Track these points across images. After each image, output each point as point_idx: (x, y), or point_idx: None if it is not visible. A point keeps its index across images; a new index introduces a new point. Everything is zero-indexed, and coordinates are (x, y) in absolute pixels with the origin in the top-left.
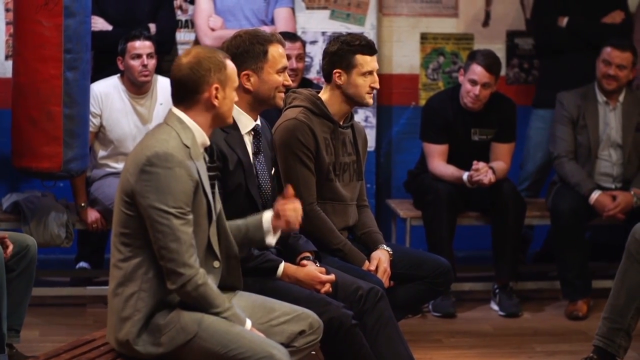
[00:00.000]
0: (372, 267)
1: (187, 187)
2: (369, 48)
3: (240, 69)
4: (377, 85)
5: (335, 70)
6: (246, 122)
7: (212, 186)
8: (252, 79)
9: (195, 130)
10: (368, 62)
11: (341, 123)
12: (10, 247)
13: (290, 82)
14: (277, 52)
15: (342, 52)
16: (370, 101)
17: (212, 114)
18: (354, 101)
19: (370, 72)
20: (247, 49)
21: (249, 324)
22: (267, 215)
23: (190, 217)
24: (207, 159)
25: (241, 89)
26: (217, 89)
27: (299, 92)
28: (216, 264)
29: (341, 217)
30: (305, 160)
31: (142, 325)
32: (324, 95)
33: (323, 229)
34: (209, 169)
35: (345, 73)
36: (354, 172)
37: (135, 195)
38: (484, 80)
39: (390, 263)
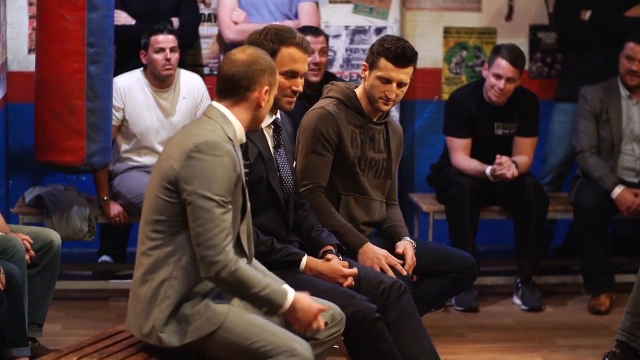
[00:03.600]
0: (400, 251)
1: (231, 177)
2: (396, 58)
3: None
4: (390, 96)
5: (364, 64)
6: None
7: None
8: None
9: (237, 126)
10: (388, 69)
11: (375, 119)
12: (31, 253)
13: (301, 89)
14: (289, 54)
15: (374, 49)
16: (385, 108)
17: (254, 114)
18: (370, 100)
19: (388, 81)
20: (260, 43)
21: (291, 294)
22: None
23: (231, 207)
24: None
25: None
26: (267, 91)
27: (336, 84)
28: (244, 261)
29: (364, 211)
30: (319, 148)
31: (170, 313)
32: (359, 89)
33: (321, 210)
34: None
35: (369, 70)
36: (383, 170)
37: (179, 182)
38: (508, 75)
39: (414, 255)
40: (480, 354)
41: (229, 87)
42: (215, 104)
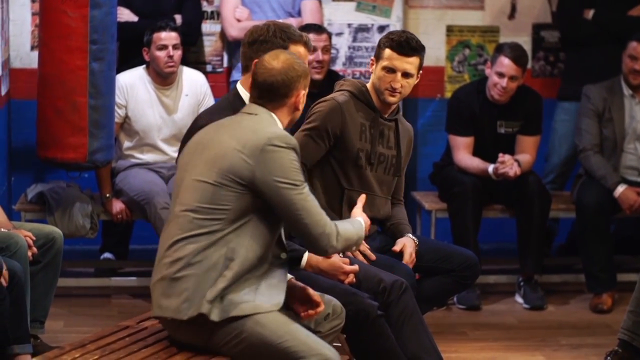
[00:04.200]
0: (397, 249)
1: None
2: (399, 46)
3: (255, 55)
4: (395, 85)
5: (371, 58)
6: None
7: None
8: None
9: (281, 127)
10: (393, 58)
11: (386, 115)
12: (33, 249)
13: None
14: (297, 52)
15: (380, 42)
16: (391, 99)
17: (291, 116)
18: (377, 93)
19: (392, 70)
20: (268, 39)
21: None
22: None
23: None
24: None
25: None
26: (303, 94)
27: (348, 79)
28: (283, 255)
29: (367, 207)
30: (312, 133)
31: (222, 290)
32: (368, 84)
33: None
34: None
35: (376, 63)
36: (391, 167)
37: (257, 176)
38: (511, 73)
39: (415, 252)
40: (482, 352)
41: (267, 95)
42: (259, 107)
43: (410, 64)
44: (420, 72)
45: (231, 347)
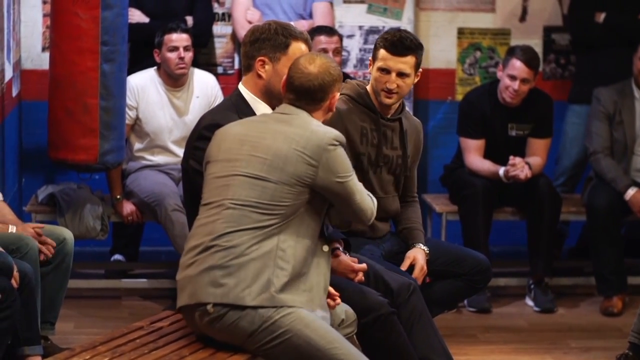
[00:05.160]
0: (404, 268)
1: None
2: (393, 46)
3: (258, 54)
4: (390, 86)
5: (370, 58)
6: (264, 111)
7: None
8: (266, 67)
9: None
10: (387, 59)
11: (388, 115)
12: (48, 252)
13: None
14: (299, 49)
15: (376, 42)
16: (387, 100)
17: (325, 117)
18: (375, 94)
19: (387, 71)
20: (270, 37)
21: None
22: None
23: None
24: None
25: (255, 75)
26: (337, 96)
27: (347, 81)
28: (325, 247)
29: None
30: None
31: (280, 280)
32: (369, 86)
33: None
34: None
35: (372, 63)
36: (397, 167)
37: (318, 176)
38: (523, 76)
39: (426, 262)
40: (492, 355)
41: (304, 98)
42: (294, 108)
43: (404, 63)
44: (420, 70)
45: (271, 346)
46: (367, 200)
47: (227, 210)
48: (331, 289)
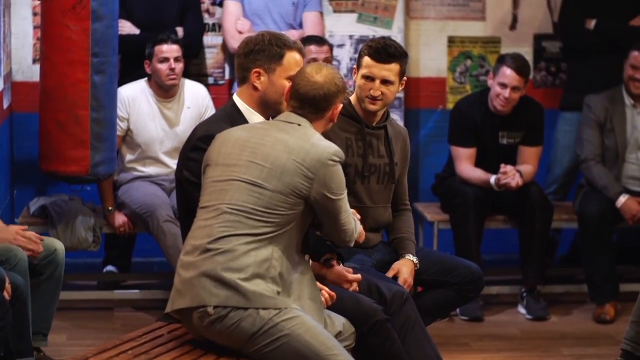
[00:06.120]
0: (390, 275)
1: None
2: (376, 53)
3: (253, 65)
4: (374, 93)
5: (354, 66)
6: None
7: None
8: (262, 78)
9: None
10: (370, 66)
11: (373, 124)
12: (34, 247)
13: None
14: (293, 59)
15: (360, 50)
16: (371, 107)
17: (325, 128)
18: (360, 102)
19: (371, 78)
20: (264, 48)
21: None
22: None
23: None
24: None
25: (251, 86)
26: (340, 107)
27: None
28: (306, 257)
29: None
30: None
31: (273, 277)
32: (353, 95)
33: None
34: None
35: (357, 71)
36: (385, 175)
37: (315, 186)
38: (513, 84)
39: (414, 273)
40: None
41: (308, 106)
42: (297, 117)
43: (388, 70)
44: (405, 78)
45: (271, 349)
46: (351, 222)
47: (224, 214)
48: (326, 289)
